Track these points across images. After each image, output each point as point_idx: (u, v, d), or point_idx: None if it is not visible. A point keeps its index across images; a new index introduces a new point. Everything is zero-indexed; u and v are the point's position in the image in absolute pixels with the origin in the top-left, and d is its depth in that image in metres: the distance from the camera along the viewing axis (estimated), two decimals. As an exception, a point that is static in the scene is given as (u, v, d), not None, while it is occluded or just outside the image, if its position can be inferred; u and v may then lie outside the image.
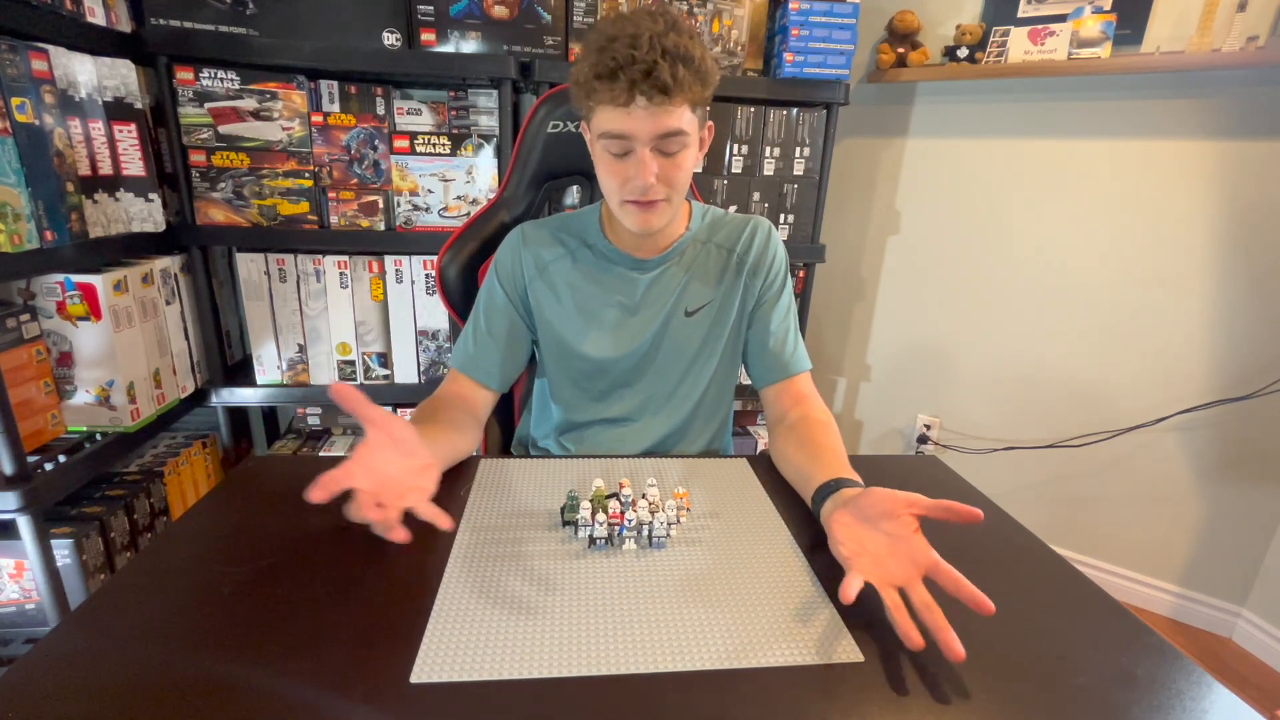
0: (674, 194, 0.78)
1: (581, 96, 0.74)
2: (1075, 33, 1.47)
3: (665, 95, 0.69)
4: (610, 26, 0.70)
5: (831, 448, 0.75)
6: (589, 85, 0.71)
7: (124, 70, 1.21)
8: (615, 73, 0.68)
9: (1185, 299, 1.56)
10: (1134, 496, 1.70)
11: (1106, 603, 0.59)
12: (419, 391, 1.57)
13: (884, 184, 1.88)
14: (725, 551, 0.63)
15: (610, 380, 0.91)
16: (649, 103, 0.70)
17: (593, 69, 0.70)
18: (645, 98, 0.69)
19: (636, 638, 0.51)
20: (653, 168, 0.73)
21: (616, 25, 0.70)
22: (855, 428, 2.11)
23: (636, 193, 0.75)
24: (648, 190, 0.75)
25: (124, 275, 1.21)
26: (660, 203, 0.77)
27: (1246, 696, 1.44)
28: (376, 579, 0.57)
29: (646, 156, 0.73)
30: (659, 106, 0.70)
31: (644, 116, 0.71)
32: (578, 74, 0.73)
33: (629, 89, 0.69)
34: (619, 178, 0.76)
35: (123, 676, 0.45)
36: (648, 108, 0.70)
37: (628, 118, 0.71)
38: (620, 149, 0.74)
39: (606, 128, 0.73)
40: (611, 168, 0.76)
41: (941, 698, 0.47)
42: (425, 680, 0.46)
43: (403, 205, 1.46)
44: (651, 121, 0.71)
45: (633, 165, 0.74)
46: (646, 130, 0.72)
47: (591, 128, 0.76)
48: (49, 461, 1.10)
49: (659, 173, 0.74)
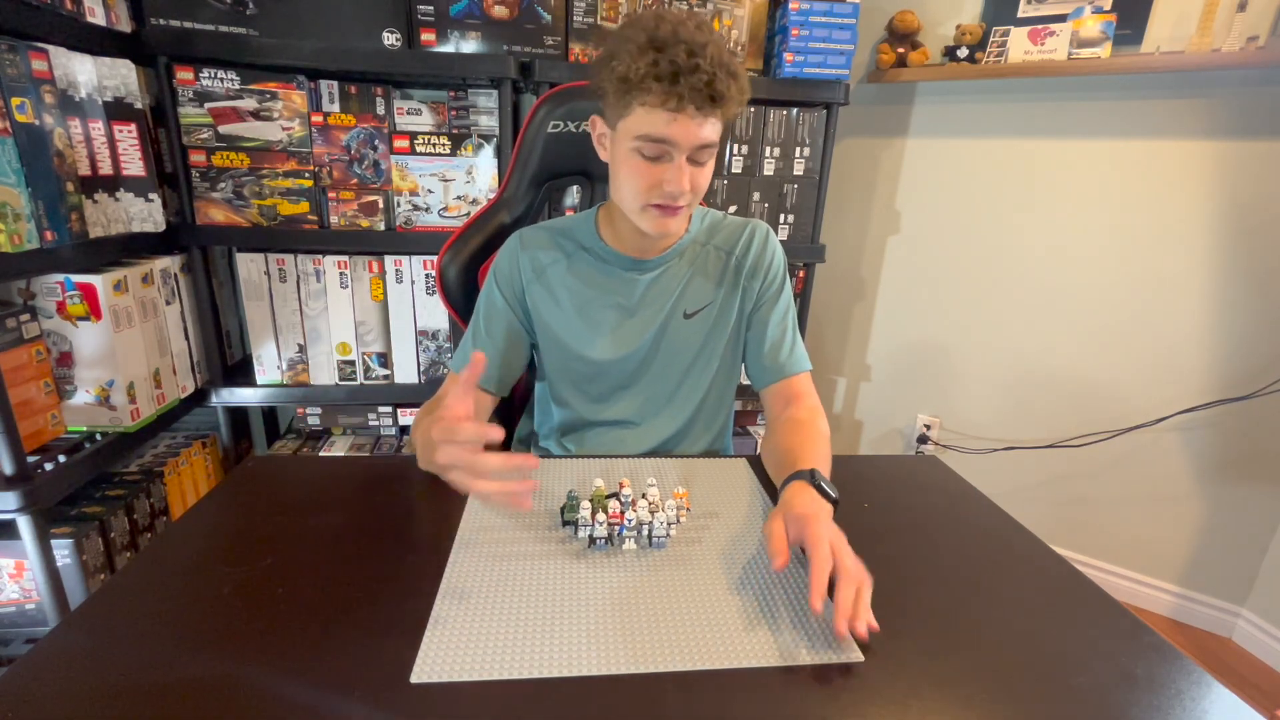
0: (695, 200, 0.78)
1: (622, 92, 0.71)
2: (1075, 33, 1.47)
3: (716, 107, 0.69)
4: (656, 29, 0.68)
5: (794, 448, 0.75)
6: (643, 84, 0.68)
7: (124, 70, 1.21)
8: (675, 77, 0.67)
9: (1185, 299, 1.56)
10: (1134, 496, 1.70)
11: (1106, 603, 0.59)
12: (419, 391, 1.57)
13: (884, 184, 1.88)
14: (725, 551, 0.63)
15: (610, 382, 0.91)
16: (697, 112, 0.69)
17: (650, 69, 0.67)
18: (695, 106, 0.69)
19: (636, 638, 0.51)
20: (688, 175, 0.73)
21: (664, 29, 0.68)
22: (855, 428, 2.11)
23: (666, 199, 0.75)
24: (679, 197, 0.74)
25: (124, 275, 1.21)
26: (683, 208, 0.77)
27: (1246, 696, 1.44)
28: (376, 579, 0.57)
29: (684, 165, 0.73)
30: (705, 117, 0.70)
31: (690, 125, 0.70)
32: (627, 70, 0.69)
33: (687, 95, 0.68)
34: (648, 181, 0.74)
35: (123, 676, 0.45)
36: (695, 117, 0.70)
37: (673, 124, 0.70)
38: (656, 153, 0.73)
39: (647, 130, 0.71)
40: (641, 170, 0.74)
41: (941, 698, 0.47)
42: (425, 680, 0.46)
43: (403, 205, 1.46)
44: (695, 131, 0.71)
45: (669, 171, 0.73)
46: (689, 139, 0.71)
47: (622, 125, 0.74)
48: (49, 461, 1.10)
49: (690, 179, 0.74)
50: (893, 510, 0.74)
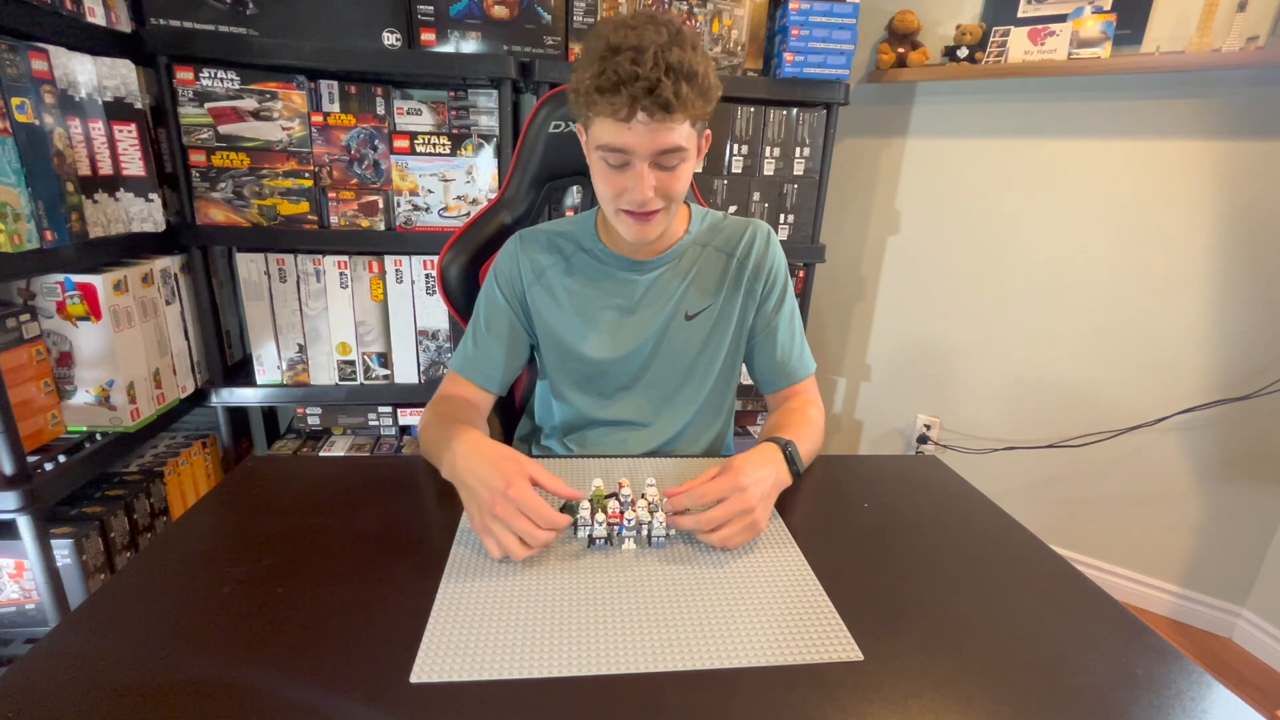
0: (671, 204, 0.77)
1: (580, 105, 0.73)
2: (1075, 33, 1.47)
3: (667, 113, 0.68)
4: (613, 34, 0.68)
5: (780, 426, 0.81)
6: (589, 96, 0.69)
7: (124, 70, 1.21)
8: (617, 87, 0.66)
9: (1185, 299, 1.56)
10: (1134, 496, 1.70)
11: (1106, 603, 0.59)
12: (419, 391, 1.57)
13: (884, 184, 1.88)
14: (725, 551, 0.63)
15: (612, 382, 0.91)
16: (650, 119, 0.68)
17: (594, 81, 0.68)
18: (646, 114, 0.68)
19: (635, 637, 0.51)
20: (650, 182, 0.73)
21: (619, 33, 0.68)
22: (855, 428, 2.11)
23: (633, 205, 0.75)
24: (645, 204, 0.74)
25: (124, 275, 1.21)
26: (657, 213, 0.77)
27: (1246, 696, 1.44)
28: (376, 579, 0.57)
29: (645, 172, 0.72)
30: (659, 123, 0.69)
31: (644, 132, 0.69)
32: (578, 82, 0.71)
33: (630, 104, 0.67)
34: (615, 188, 0.75)
35: (123, 676, 0.45)
36: (648, 124, 0.69)
37: (627, 132, 0.70)
38: (618, 161, 0.73)
39: (605, 140, 0.72)
40: (608, 178, 0.75)
41: (941, 697, 0.47)
42: (425, 680, 0.46)
43: (403, 205, 1.46)
44: (651, 138, 0.70)
45: (630, 178, 0.73)
46: (646, 146, 0.70)
47: (589, 137, 0.75)
48: (49, 461, 1.10)
49: (656, 185, 0.73)
50: (893, 510, 0.74)
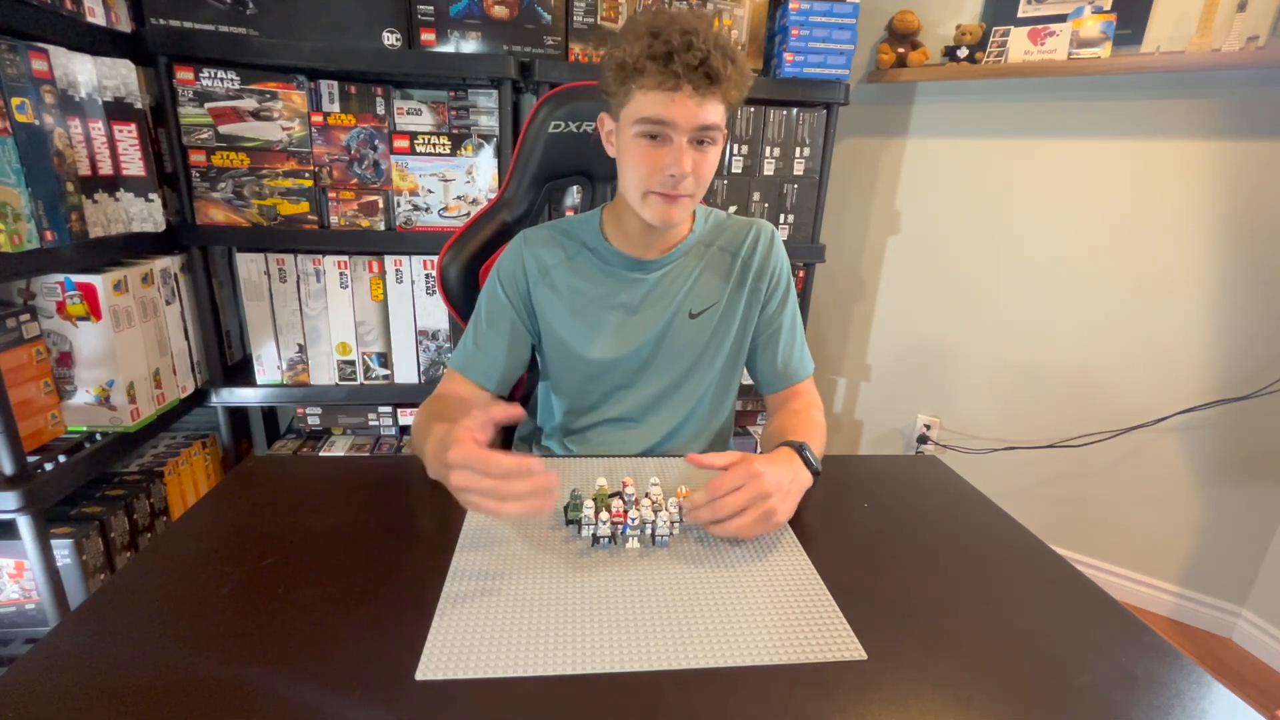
0: (699, 189, 0.78)
1: (622, 78, 0.73)
2: (1075, 33, 1.47)
3: (713, 86, 0.70)
4: (654, 20, 0.71)
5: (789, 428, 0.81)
6: (639, 65, 0.70)
7: (124, 70, 1.21)
8: (670, 55, 0.69)
9: (1185, 299, 1.56)
10: (1134, 496, 1.70)
11: (1106, 603, 0.59)
12: (419, 391, 1.57)
13: (884, 184, 1.88)
14: (728, 550, 0.63)
15: (612, 381, 0.91)
16: (695, 92, 0.70)
17: (646, 50, 0.70)
18: (693, 86, 0.70)
19: (639, 636, 0.51)
20: (690, 157, 0.74)
21: (661, 18, 0.71)
22: (855, 428, 2.11)
23: (667, 184, 0.75)
24: (680, 182, 0.75)
25: (124, 275, 1.21)
26: (685, 197, 0.77)
27: (1246, 696, 1.44)
28: (378, 579, 0.57)
29: (684, 146, 0.73)
30: (704, 97, 0.71)
31: (688, 105, 0.71)
32: (624, 55, 0.71)
33: (682, 74, 0.69)
34: (650, 165, 0.75)
35: (123, 676, 0.45)
36: (693, 96, 0.71)
37: (671, 104, 0.71)
38: (658, 133, 0.74)
39: (647, 113, 0.73)
40: (645, 153, 0.75)
41: (941, 696, 0.47)
42: (430, 678, 0.46)
43: (403, 205, 1.46)
44: (694, 112, 0.72)
45: (669, 154, 0.74)
46: (688, 120, 0.72)
47: (624, 114, 0.76)
48: (49, 461, 1.10)
49: (692, 165, 0.74)
50: (893, 510, 0.74)
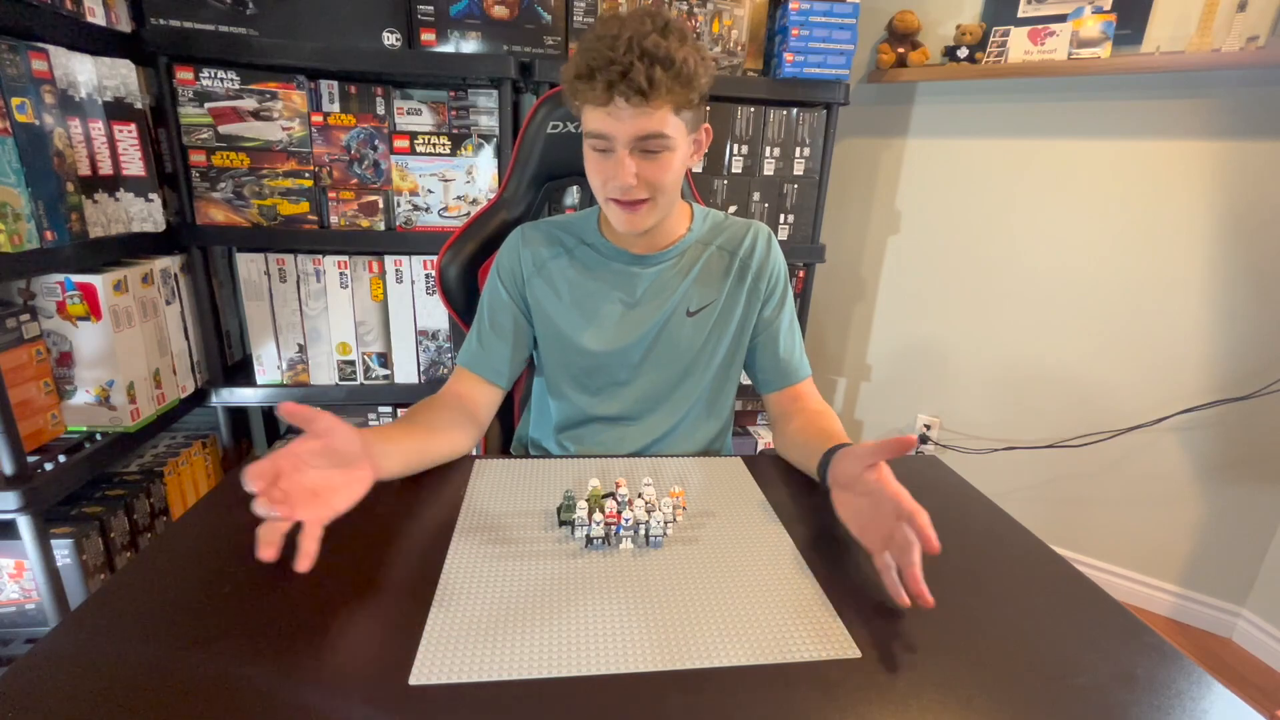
0: (660, 195, 0.78)
1: (569, 95, 0.76)
2: (1075, 33, 1.47)
3: (642, 97, 0.70)
4: (601, 27, 0.72)
5: (829, 429, 0.81)
6: (572, 85, 0.73)
7: (124, 70, 1.21)
8: (593, 73, 0.70)
9: (1185, 299, 1.56)
10: (1134, 496, 1.70)
11: (1106, 603, 0.59)
12: (419, 391, 1.57)
13: (884, 184, 1.88)
14: (722, 550, 0.63)
15: (608, 376, 0.91)
16: (628, 104, 0.70)
17: (575, 69, 0.72)
18: (624, 99, 0.70)
19: (634, 637, 0.51)
20: (631, 168, 0.74)
21: (606, 25, 0.71)
22: (855, 428, 2.11)
23: (616, 192, 0.76)
24: (627, 190, 0.76)
25: (124, 275, 1.21)
26: (645, 203, 0.78)
27: (1246, 696, 1.44)
28: (375, 580, 0.57)
29: (624, 157, 0.74)
30: (638, 109, 0.71)
31: (624, 117, 0.72)
32: (565, 73, 0.75)
33: (607, 89, 0.70)
34: (601, 176, 0.77)
35: (123, 676, 0.45)
36: (627, 109, 0.71)
37: (607, 118, 0.72)
38: (602, 147, 0.75)
39: (590, 127, 0.75)
40: (596, 164, 0.78)
41: (941, 697, 0.47)
42: (424, 682, 0.46)
43: (403, 205, 1.46)
44: (631, 123, 0.72)
45: (612, 165, 0.75)
46: (626, 131, 0.72)
47: (582, 126, 0.78)
48: (49, 461, 1.10)
49: (641, 174, 0.75)
50: (892, 510, 0.74)
